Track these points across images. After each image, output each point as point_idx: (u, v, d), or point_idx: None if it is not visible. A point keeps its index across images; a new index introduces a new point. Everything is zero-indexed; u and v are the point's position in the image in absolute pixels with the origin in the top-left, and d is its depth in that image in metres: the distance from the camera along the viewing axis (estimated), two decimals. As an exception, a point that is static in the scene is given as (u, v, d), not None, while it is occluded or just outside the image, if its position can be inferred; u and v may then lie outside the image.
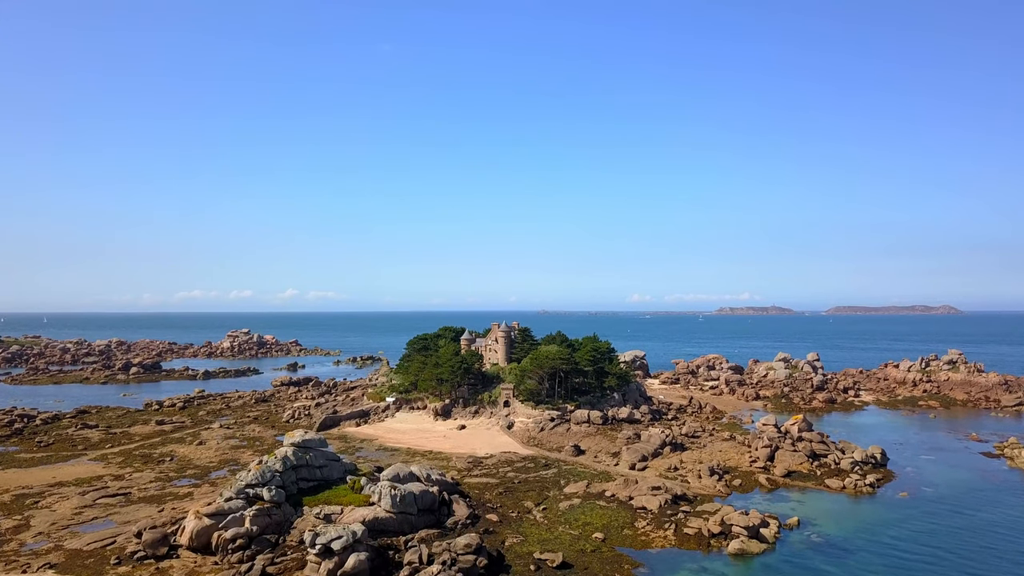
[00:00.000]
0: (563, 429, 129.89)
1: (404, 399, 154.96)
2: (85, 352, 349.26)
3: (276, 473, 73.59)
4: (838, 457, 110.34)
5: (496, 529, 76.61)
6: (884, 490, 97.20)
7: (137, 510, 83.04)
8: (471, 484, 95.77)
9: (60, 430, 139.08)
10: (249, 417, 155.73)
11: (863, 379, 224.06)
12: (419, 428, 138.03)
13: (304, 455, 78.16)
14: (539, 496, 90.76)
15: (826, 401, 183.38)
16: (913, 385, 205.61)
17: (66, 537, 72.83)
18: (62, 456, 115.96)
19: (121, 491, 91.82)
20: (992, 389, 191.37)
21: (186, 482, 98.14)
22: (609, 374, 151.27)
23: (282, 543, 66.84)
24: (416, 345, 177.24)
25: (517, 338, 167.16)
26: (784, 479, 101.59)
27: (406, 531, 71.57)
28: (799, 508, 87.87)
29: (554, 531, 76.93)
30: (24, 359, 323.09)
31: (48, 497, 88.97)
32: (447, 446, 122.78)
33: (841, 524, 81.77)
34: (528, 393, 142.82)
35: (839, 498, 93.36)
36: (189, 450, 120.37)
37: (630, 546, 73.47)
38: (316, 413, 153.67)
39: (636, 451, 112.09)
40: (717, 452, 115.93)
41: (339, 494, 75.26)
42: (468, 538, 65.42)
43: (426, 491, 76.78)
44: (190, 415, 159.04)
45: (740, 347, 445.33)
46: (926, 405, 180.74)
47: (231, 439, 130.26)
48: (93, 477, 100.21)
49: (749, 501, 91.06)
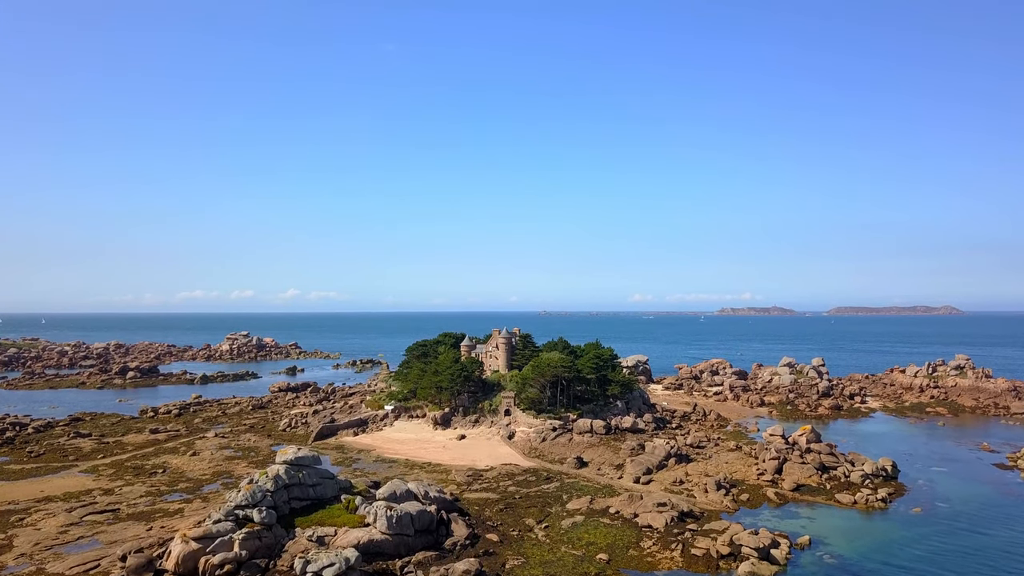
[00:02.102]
0: (565, 439, 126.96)
1: (403, 407, 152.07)
2: (83, 355, 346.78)
3: (267, 493, 70.70)
4: (848, 470, 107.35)
5: (496, 550, 73.69)
6: (897, 505, 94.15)
7: (125, 528, 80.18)
8: (471, 499, 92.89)
9: (52, 439, 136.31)
10: (245, 425, 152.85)
11: (869, 384, 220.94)
12: (418, 438, 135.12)
13: (297, 473, 75.29)
14: (541, 512, 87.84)
15: (832, 408, 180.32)
16: (920, 391, 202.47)
17: (49, 559, 69.99)
18: (52, 467, 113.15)
19: (110, 507, 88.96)
20: (1001, 395, 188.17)
21: (177, 497, 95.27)
22: (612, 382, 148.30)
23: (272, 568, 63.97)
24: (415, 351, 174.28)
25: (518, 344, 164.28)
26: (793, 493, 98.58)
27: (402, 553, 68.70)
28: (810, 526, 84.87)
29: (556, 552, 74.01)
30: (21, 362, 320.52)
31: (34, 514, 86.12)
32: (446, 457, 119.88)
33: (854, 543, 78.75)
34: (529, 401, 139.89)
35: (851, 514, 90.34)
36: (182, 461, 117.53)
37: (636, 568, 70.54)
38: (313, 421, 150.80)
39: (640, 463, 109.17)
40: (723, 464, 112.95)
41: (333, 514, 72.37)
42: (467, 563, 62.53)
43: (423, 510, 73.89)
44: (185, 423, 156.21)
45: (743, 350, 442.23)
46: (934, 412, 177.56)
47: (226, 449, 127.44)
48: (82, 491, 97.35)
49: (758, 518, 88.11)
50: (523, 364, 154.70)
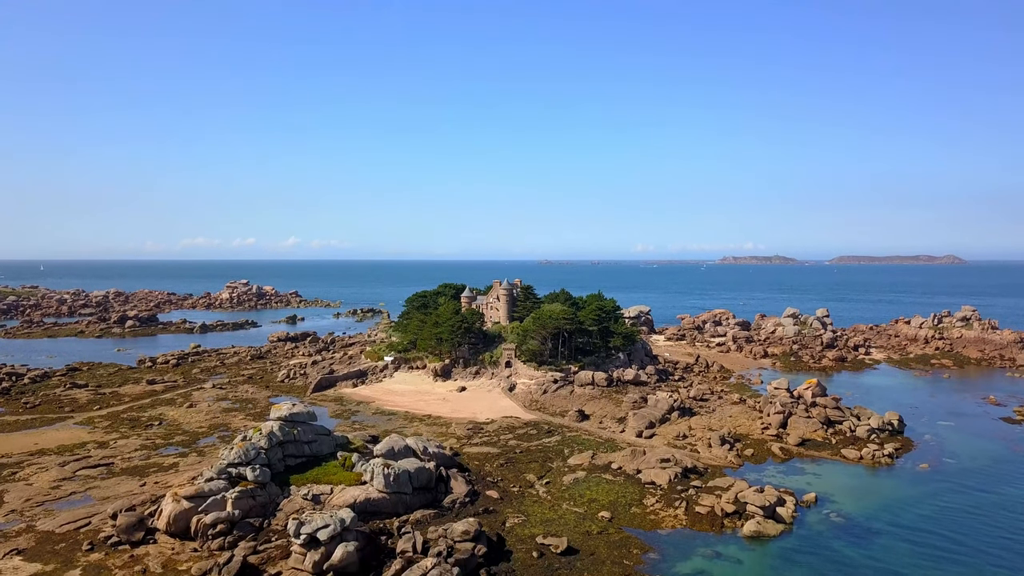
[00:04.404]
0: (567, 392, 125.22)
1: (403, 358, 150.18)
2: (82, 303, 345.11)
3: (261, 450, 68.68)
4: (854, 424, 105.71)
5: (496, 508, 72.18)
6: (903, 461, 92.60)
7: (118, 483, 78.79)
8: (471, 454, 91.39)
9: (48, 389, 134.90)
10: (243, 376, 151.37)
11: (873, 336, 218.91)
12: (418, 390, 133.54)
13: (292, 430, 73.18)
14: (542, 468, 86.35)
15: (836, 359, 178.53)
16: (925, 342, 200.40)
17: (39, 516, 68.56)
18: (47, 419, 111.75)
19: (103, 461, 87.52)
20: (1007, 347, 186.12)
21: (172, 450, 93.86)
22: (614, 334, 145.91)
23: (267, 527, 62.34)
24: (415, 303, 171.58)
25: (519, 296, 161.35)
26: (798, 448, 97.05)
27: (400, 512, 67.12)
28: (816, 482, 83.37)
29: (558, 509, 72.54)
30: (20, 311, 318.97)
31: (27, 467, 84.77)
32: (446, 410, 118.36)
33: (861, 501, 77.29)
34: (530, 353, 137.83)
35: (857, 470, 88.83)
36: (179, 413, 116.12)
37: (639, 526, 69.09)
38: (312, 372, 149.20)
39: (643, 417, 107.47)
40: (727, 418, 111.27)
41: (329, 472, 70.58)
42: (466, 524, 60.80)
43: (422, 467, 72.06)
44: (183, 373, 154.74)
45: (746, 299, 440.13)
46: (939, 364, 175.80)
47: (223, 401, 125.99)
48: (76, 444, 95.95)
49: (762, 474, 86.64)
50: (524, 316, 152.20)
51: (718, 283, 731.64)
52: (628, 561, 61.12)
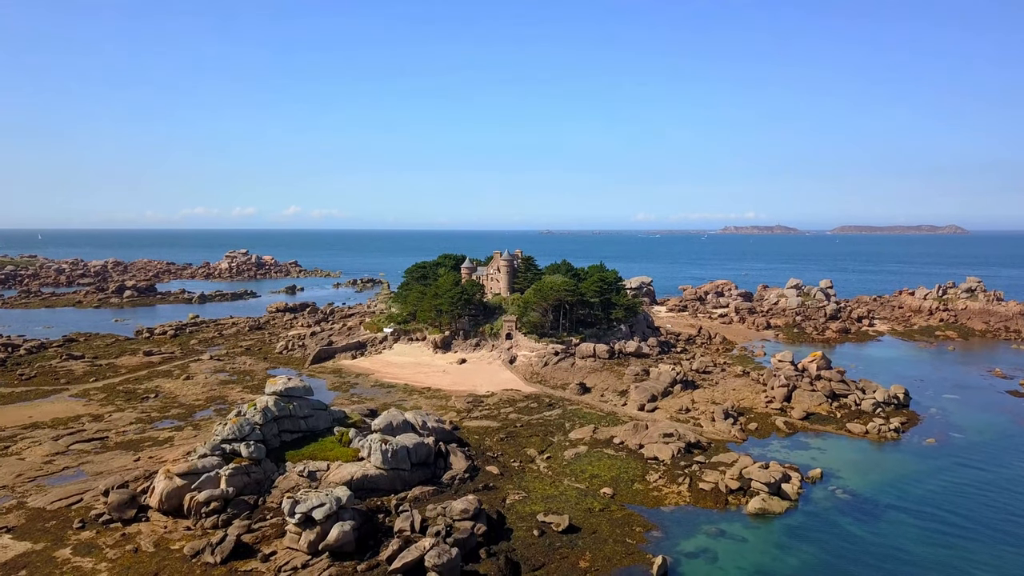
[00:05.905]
0: (568, 364, 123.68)
1: (402, 330, 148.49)
2: (81, 273, 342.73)
3: (256, 426, 67.12)
4: (859, 397, 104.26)
5: (497, 484, 70.91)
6: (909, 435, 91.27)
7: (112, 458, 77.50)
8: (471, 428, 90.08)
9: (45, 361, 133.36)
10: (241, 347, 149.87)
11: (877, 307, 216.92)
12: (417, 362, 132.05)
13: (287, 405, 71.56)
14: (543, 442, 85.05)
15: (840, 331, 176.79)
16: (929, 314, 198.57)
17: (31, 492, 67.30)
18: (43, 391, 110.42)
19: (98, 435, 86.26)
20: (1012, 319, 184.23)
21: (168, 424, 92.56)
22: (616, 305, 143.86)
23: (262, 505, 61.03)
24: (415, 273, 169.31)
25: (520, 267, 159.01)
26: (803, 422, 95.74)
27: (398, 488, 65.78)
28: (821, 457, 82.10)
29: (559, 485, 71.28)
30: (18, 280, 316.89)
31: (20, 441, 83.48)
32: (446, 382, 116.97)
33: (867, 477, 76.03)
34: (531, 325, 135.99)
35: (862, 445, 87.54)
36: (175, 385, 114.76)
37: (641, 503, 67.86)
38: (311, 344, 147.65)
39: (645, 390, 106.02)
40: (731, 391, 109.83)
41: (325, 448, 69.13)
42: (465, 502, 59.45)
43: (421, 443, 70.62)
44: (181, 344, 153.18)
45: (748, 269, 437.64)
46: (943, 336, 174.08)
47: (220, 372, 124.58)
48: (71, 417, 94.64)
49: (767, 448, 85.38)
50: (525, 287, 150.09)
51: (719, 253, 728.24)
52: (631, 539, 59.89)
